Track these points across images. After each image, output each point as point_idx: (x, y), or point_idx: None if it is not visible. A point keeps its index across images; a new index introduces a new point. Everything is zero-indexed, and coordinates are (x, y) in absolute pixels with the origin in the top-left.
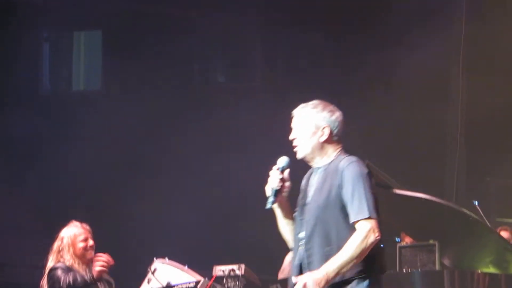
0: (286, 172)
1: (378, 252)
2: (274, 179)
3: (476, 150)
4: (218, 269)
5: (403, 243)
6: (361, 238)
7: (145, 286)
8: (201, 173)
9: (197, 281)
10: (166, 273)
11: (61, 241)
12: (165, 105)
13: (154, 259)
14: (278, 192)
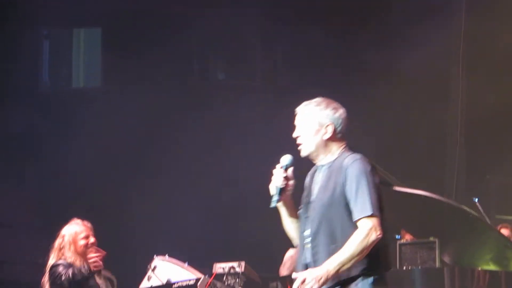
0: (290, 170)
1: (383, 249)
2: (278, 178)
3: (476, 149)
4: (218, 267)
5: (403, 241)
6: (363, 236)
7: (145, 284)
8: (201, 170)
9: (197, 279)
10: (166, 271)
11: (63, 239)
12: (165, 102)
13: (154, 257)
14: (283, 191)
